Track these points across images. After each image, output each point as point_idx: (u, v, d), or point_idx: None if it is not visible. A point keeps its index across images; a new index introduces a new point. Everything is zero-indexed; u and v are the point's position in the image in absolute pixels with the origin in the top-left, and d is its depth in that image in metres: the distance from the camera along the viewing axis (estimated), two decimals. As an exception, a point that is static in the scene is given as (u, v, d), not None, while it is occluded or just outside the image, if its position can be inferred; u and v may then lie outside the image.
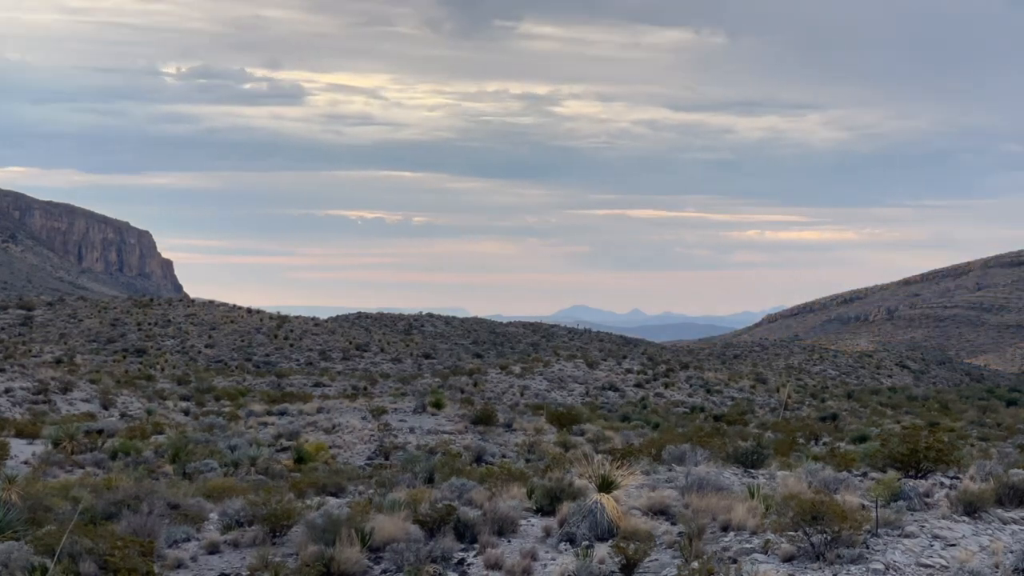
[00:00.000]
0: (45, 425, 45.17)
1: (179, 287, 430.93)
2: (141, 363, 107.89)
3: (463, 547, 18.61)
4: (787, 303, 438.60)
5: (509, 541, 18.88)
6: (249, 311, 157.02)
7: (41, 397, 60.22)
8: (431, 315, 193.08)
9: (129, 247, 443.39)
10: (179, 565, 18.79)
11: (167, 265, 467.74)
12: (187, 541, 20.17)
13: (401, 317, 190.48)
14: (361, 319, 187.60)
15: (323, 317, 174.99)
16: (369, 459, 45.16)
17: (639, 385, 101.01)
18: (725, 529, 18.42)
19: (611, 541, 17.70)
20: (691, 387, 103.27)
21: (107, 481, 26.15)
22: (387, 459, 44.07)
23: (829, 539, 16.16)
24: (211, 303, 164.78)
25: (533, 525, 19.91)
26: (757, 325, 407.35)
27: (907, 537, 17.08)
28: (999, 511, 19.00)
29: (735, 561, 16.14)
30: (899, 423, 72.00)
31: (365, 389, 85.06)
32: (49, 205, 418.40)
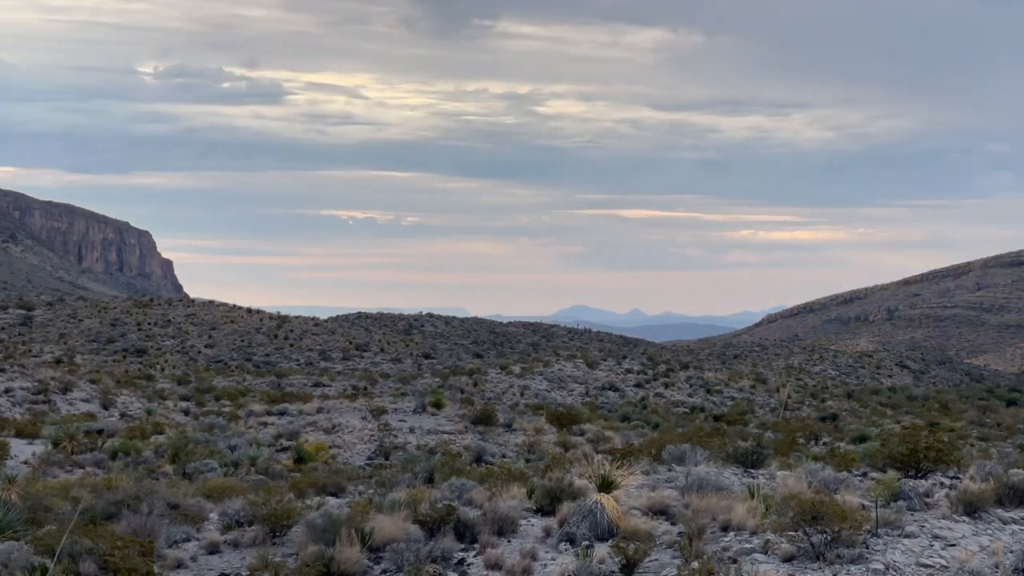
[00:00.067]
0: (45, 425, 45.16)
1: (179, 287, 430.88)
2: (141, 363, 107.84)
3: (463, 547, 18.61)
4: (787, 303, 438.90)
5: (509, 541, 18.87)
6: (249, 311, 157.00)
7: (41, 397, 60.22)
8: (431, 315, 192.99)
9: (129, 247, 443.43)
10: (179, 565, 18.80)
11: (167, 265, 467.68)
12: (187, 541, 20.17)
13: (401, 317, 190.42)
14: (361, 319, 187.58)
15: (323, 317, 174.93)
16: (369, 459, 45.14)
17: (639, 385, 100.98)
18: (725, 529, 18.42)
19: (611, 541, 17.70)
20: (691, 387, 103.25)
21: (107, 481, 26.14)
22: (387, 459, 44.05)
23: (829, 539, 16.16)
24: (211, 303, 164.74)
25: (533, 525, 19.90)
26: (757, 325, 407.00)
27: (907, 537, 17.08)
28: (999, 511, 18.99)
29: (735, 561, 16.14)
30: (899, 423, 71.98)
31: (365, 389, 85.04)
32: (49, 205, 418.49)
